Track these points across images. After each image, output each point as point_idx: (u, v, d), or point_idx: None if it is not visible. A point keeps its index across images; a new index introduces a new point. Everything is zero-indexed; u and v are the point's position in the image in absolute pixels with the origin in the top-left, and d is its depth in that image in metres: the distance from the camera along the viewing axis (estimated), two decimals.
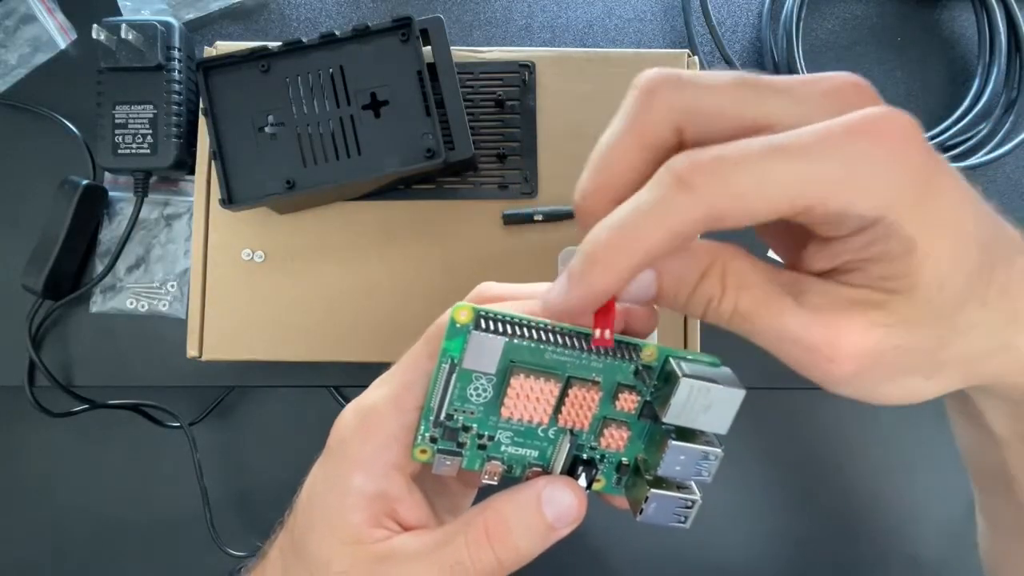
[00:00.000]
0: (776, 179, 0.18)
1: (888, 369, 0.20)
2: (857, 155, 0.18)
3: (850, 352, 0.19)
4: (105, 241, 0.46)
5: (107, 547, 1.02)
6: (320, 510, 0.24)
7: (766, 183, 0.18)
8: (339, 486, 0.23)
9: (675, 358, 0.22)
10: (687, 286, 0.21)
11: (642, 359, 0.22)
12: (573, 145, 0.40)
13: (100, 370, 0.46)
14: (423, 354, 0.23)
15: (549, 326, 0.22)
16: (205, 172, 0.41)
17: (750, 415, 0.26)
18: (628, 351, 0.22)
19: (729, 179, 0.19)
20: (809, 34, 0.50)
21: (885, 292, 0.19)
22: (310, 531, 0.24)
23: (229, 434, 1.02)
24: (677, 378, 0.21)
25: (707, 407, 0.21)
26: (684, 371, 0.21)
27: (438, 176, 0.40)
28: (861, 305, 0.20)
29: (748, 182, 0.19)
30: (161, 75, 0.42)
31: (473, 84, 0.41)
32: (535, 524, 0.22)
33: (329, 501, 0.24)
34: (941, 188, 0.19)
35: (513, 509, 0.23)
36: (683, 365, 0.22)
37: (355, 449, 0.23)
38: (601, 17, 0.49)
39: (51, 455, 1.04)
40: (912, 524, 1.05)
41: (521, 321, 0.22)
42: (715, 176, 0.19)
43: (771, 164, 0.18)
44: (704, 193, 0.19)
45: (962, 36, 0.50)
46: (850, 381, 0.20)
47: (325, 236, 0.40)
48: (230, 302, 0.40)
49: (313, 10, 0.49)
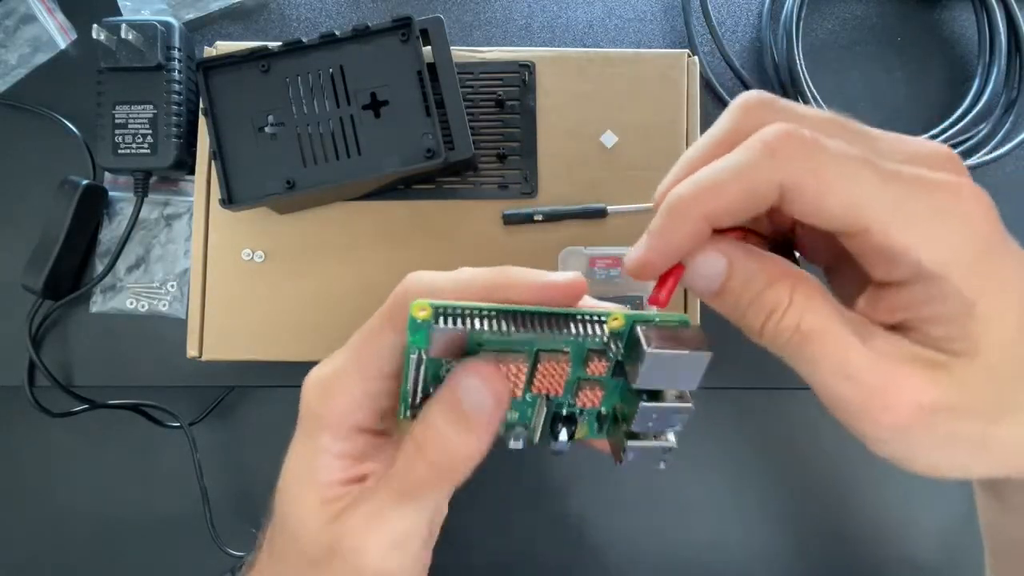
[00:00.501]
0: (859, 183, 0.19)
1: (937, 433, 0.20)
2: (937, 204, 0.19)
3: (907, 402, 0.19)
4: (105, 241, 0.46)
5: (107, 547, 1.02)
6: (293, 474, 0.25)
7: (848, 182, 0.19)
8: (309, 448, 0.24)
9: (642, 324, 0.22)
10: (755, 287, 0.21)
11: (609, 327, 0.23)
12: (573, 145, 0.40)
13: (100, 370, 0.46)
14: (381, 328, 0.24)
15: (509, 312, 0.22)
16: (205, 172, 0.41)
17: (748, 417, 0.26)
18: (594, 324, 0.23)
19: (818, 159, 0.19)
20: (809, 34, 0.50)
21: (947, 353, 0.19)
22: (287, 496, 0.25)
23: (229, 434, 1.02)
24: (643, 351, 0.21)
25: (674, 373, 0.22)
26: (650, 342, 0.21)
27: (438, 176, 0.40)
28: (924, 361, 0.20)
29: (833, 172, 0.19)
30: (161, 75, 0.42)
31: (473, 84, 0.41)
32: (455, 418, 0.22)
33: (301, 465, 0.25)
34: (1006, 257, 0.20)
35: (435, 411, 0.22)
36: (649, 334, 0.22)
37: (322, 413, 0.24)
38: (601, 17, 0.49)
39: (51, 455, 1.04)
40: (909, 528, 1.05)
41: (480, 311, 0.22)
42: (805, 151, 0.19)
43: (861, 170, 0.19)
44: (788, 162, 0.19)
45: (962, 36, 0.50)
46: (898, 437, 0.20)
47: (325, 236, 0.40)
48: (230, 302, 0.40)
49: (313, 10, 0.49)
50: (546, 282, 0.23)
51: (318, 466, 0.24)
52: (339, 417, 0.24)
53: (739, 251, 0.21)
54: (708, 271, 0.21)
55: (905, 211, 0.19)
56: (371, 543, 0.23)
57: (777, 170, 0.19)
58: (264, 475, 0.98)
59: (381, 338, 0.24)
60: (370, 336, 0.24)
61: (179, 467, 0.79)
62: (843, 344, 0.20)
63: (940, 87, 0.50)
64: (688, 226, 0.21)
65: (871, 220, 0.19)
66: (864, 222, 0.19)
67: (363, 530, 0.23)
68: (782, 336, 0.20)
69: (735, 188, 0.20)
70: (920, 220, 0.19)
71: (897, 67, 0.50)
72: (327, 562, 0.23)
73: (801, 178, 0.19)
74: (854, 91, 0.49)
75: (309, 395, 0.25)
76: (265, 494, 0.26)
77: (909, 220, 0.19)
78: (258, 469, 1.01)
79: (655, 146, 0.40)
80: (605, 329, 0.22)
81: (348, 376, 0.24)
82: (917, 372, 0.19)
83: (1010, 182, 0.49)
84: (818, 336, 0.20)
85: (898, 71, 0.50)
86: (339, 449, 0.24)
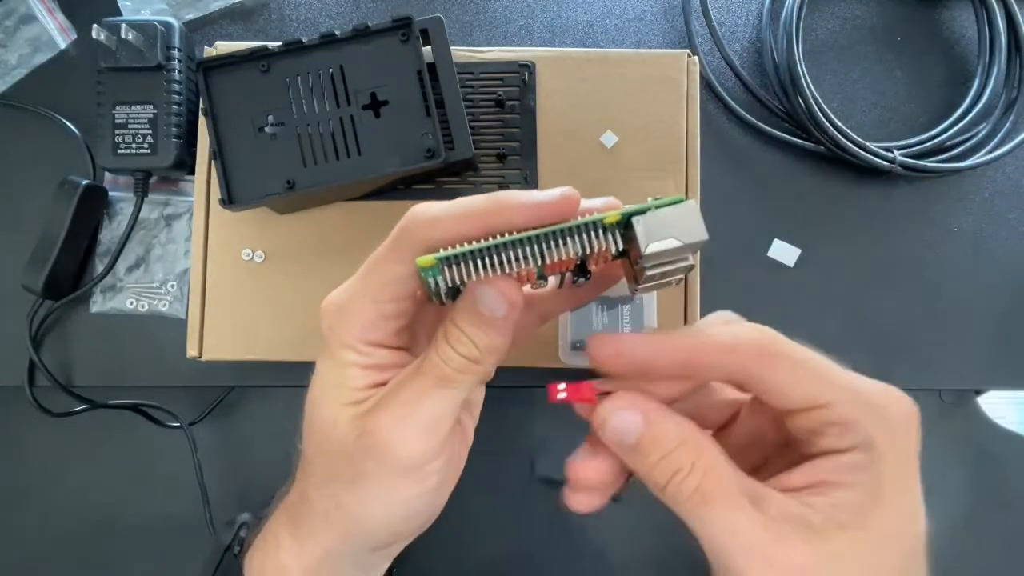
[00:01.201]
0: (824, 370, 0.23)
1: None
2: (883, 396, 0.23)
3: (789, 564, 0.21)
4: (105, 241, 0.46)
5: (107, 547, 1.02)
6: (321, 386, 0.27)
7: (814, 369, 0.23)
8: (335, 363, 0.26)
9: (635, 215, 0.23)
10: (664, 447, 0.23)
11: (605, 221, 0.24)
12: (573, 145, 0.40)
13: (100, 370, 0.46)
14: (387, 260, 0.25)
15: (508, 243, 0.23)
16: (205, 172, 0.41)
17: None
18: (591, 231, 0.24)
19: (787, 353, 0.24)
20: (809, 34, 0.50)
21: (837, 524, 0.22)
22: (316, 404, 0.27)
23: (229, 434, 1.02)
24: (633, 224, 0.23)
25: (673, 227, 0.23)
26: (639, 220, 0.23)
27: (438, 176, 0.40)
28: (811, 527, 0.22)
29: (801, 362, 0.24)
30: (161, 75, 0.42)
31: (473, 84, 0.41)
32: (476, 320, 0.24)
33: (327, 378, 0.26)
34: (917, 483, 0.23)
35: (459, 316, 0.25)
36: (641, 218, 0.23)
37: (340, 332, 0.26)
38: (601, 17, 0.49)
39: (51, 455, 1.04)
40: None
41: (480, 251, 0.23)
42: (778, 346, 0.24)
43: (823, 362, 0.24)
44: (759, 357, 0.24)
45: (962, 36, 0.50)
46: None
47: (325, 236, 0.40)
48: (230, 302, 0.40)
49: (313, 10, 0.49)
50: (539, 201, 0.24)
51: (345, 375, 0.26)
52: (358, 333, 0.26)
53: (656, 411, 0.24)
54: (626, 427, 0.23)
55: (857, 390, 0.23)
56: (404, 429, 0.25)
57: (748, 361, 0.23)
58: (264, 475, 0.98)
59: (387, 268, 0.25)
60: (377, 265, 0.25)
61: (179, 467, 0.79)
62: (736, 506, 0.22)
63: (940, 87, 0.50)
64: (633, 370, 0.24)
65: (831, 397, 0.23)
66: (826, 398, 0.23)
67: (396, 418, 0.25)
68: (682, 495, 0.23)
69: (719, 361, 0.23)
70: (867, 396, 0.23)
71: (897, 67, 0.50)
72: (361, 454, 0.25)
73: (773, 367, 0.23)
74: (854, 91, 0.49)
75: (328, 318, 0.26)
76: (265, 494, 0.27)
77: (858, 394, 0.23)
78: (258, 469, 1.01)
79: (655, 146, 0.40)
80: (601, 230, 0.23)
81: (359, 300, 0.25)
82: (804, 535, 0.21)
83: (1010, 182, 0.49)
84: (715, 498, 0.22)
85: (898, 71, 0.50)
86: (362, 361, 0.26)
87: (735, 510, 0.22)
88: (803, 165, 0.48)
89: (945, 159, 0.47)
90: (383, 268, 0.25)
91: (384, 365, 0.26)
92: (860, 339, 0.47)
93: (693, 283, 0.40)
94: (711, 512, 0.22)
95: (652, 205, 0.23)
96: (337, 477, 0.26)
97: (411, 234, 0.24)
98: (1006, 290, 0.48)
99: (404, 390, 0.25)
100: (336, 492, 0.26)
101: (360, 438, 0.25)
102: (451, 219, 0.24)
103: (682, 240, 0.23)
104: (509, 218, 0.23)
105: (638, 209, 0.23)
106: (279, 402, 0.99)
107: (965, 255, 0.48)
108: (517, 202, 0.24)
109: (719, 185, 0.47)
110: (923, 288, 0.48)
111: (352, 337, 0.26)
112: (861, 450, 0.22)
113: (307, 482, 0.27)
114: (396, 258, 0.25)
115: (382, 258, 0.25)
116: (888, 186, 0.48)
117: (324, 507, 0.26)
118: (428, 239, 0.24)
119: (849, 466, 0.22)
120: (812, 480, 0.23)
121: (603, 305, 0.39)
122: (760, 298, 0.46)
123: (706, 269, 0.40)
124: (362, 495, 0.25)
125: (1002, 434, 1.07)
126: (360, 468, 0.25)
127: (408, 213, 0.24)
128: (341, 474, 0.26)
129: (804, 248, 0.47)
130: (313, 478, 0.27)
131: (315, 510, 0.27)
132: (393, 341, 0.26)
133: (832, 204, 0.48)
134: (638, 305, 0.39)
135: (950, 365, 0.47)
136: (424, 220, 0.24)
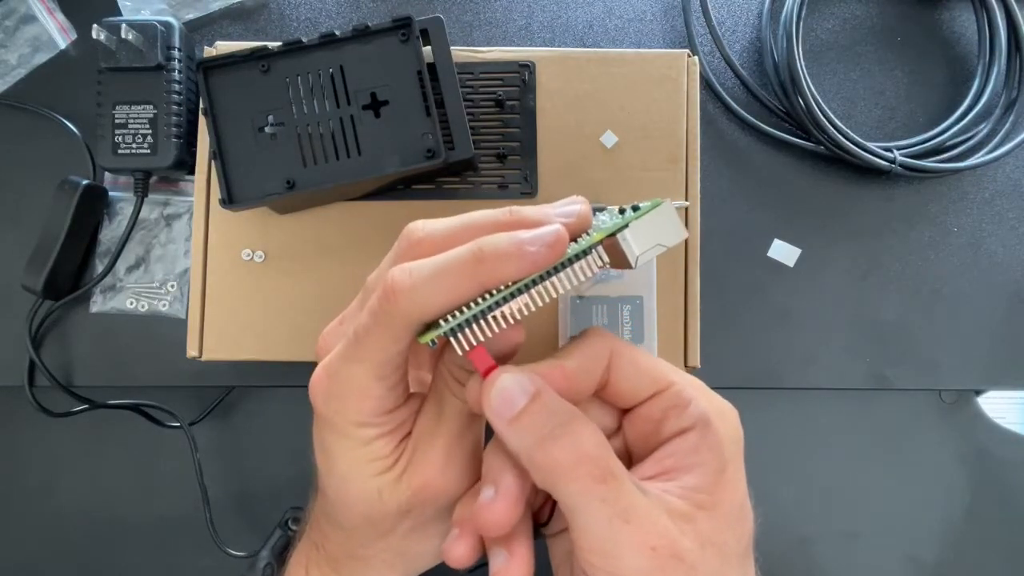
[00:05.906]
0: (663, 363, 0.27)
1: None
2: (709, 390, 0.26)
3: (675, 549, 0.22)
4: (105, 241, 0.46)
5: (107, 547, 1.02)
6: (347, 465, 0.27)
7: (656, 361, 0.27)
8: (358, 442, 0.26)
9: (620, 229, 0.24)
10: (557, 420, 0.24)
11: (595, 244, 0.24)
12: (573, 145, 0.40)
13: (100, 370, 0.46)
14: (385, 338, 0.25)
15: (509, 295, 0.23)
16: (205, 172, 0.40)
17: (749, 416, 0.27)
18: (585, 255, 0.24)
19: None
20: (809, 34, 0.50)
21: (696, 505, 0.23)
22: (348, 483, 0.27)
23: (229, 434, 1.02)
24: (619, 242, 0.24)
25: (657, 233, 0.24)
26: (626, 232, 0.24)
27: (438, 176, 0.40)
28: (681, 512, 0.23)
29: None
30: (161, 75, 0.42)
31: (473, 84, 0.41)
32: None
33: (356, 456, 0.27)
34: (743, 475, 0.25)
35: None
36: (627, 233, 0.24)
37: (354, 414, 0.26)
38: (601, 17, 0.49)
39: (51, 455, 1.04)
40: (910, 526, 1.05)
41: (483, 314, 0.23)
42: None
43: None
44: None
45: (962, 36, 0.50)
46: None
47: (325, 236, 0.40)
48: (230, 302, 0.40)
49: (313, 10, 0.49)
50: (532, 258, 0.23)
51: (372, 450, 0.26)
52: (373, 409, 0.26)
53: (544, 384, 0.24)
54: (512, 395, 0.24)
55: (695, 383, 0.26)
56: (450, 473, 0.27)
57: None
58: (264, 475, 0.98)
59: (385, 348, 0.25)
60: (371, 343, 0.25)
61: (179, 467, 0.79)
62: (625, 488, 0.22)
63: (940, 87, 0.50)
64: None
65: (674, 379, 0.25)
66: (669, 379, 0.25)
67: (439, 469, 0.26)
68: (572, 472, 0.23)
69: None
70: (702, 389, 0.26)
71: (897, 67, 0.50)
72: (419, 509, 0.27)
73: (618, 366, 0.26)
74: (854, 91, 0.49)
75: (322, 397, 0.26)
76: (265, 494, 0.27)
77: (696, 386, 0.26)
78: (258, 469, 1.00)
79: (655, 146, 0.40)
80: (594, 252, 0.24)
81: (363, 379, 0.26)
82: (671, 522, 0.22)
83: (1010, 182, 0.49)
84: (610, 478, 0.23)
85: (898, 71, 0.50)
86: (386, 430, 0.27)
87: (625, 492, 0.22)
88: (803, 165, 0.48)
89: (945, 159, 0.47)
90: (380, 347, 0.25)
91: (403, 422, 0.27)
92: (860, 339, 0.47)
93: (693, 283, 0.40)
94: (599, 488, 0.22)
95: (632, 218, 0.24)
96: (391, 532, 0.28)
97: (401, 311, 0.23)
98: (1006, 290, 0.48)
99: (439, 440, 0.27)
100: (391, 545, 0.28)
101: (415, 495, 0.26)
102: (440, 292, 0.23)
103: (666, 244, 0.25)
104: (500, 275, 0.23)
105: (620, 225, 0.24)
106: (279, 402, 0.99)
107: (965, 255, 0.48)
108: (505, 253, 0.23)
109: (719, 185, 0.47)
110: (923, 288, 0.48)
111: (367, 414, 0.26)
112: (699, 429, 0.24)
113: (351, 544, 0.29)
114: (392, 337, 0.24)
115: (375, 336, 0.24)
116: (888, 186, 0.48)
117: (383, 559, 0.29)
118: (420, 315, 0.24)
119: (691, 448, 0.24)
120: (661, 469, 0.24)
121: (603, 305, 0.39)
122: (760, 298, 0.47)
123: (706, 269, 0.40)
124: (425, 545, 0.29)
125: (1002, 434, 1.07)
126: (418, 520, 0.27)
127: (388, 282, 0.23)
128: (396, 529, 0.27)
129: (804, 248, 0.47)
130: (359, 540, 0.28)
131: (373, 564, 0.29)
132: (401, 398, 0.27)
133: (832, 204, 0.48)
134: (638, 305, 0.39)
135: (950, 365, 0.47)
136: (412, 298, 0.23)
